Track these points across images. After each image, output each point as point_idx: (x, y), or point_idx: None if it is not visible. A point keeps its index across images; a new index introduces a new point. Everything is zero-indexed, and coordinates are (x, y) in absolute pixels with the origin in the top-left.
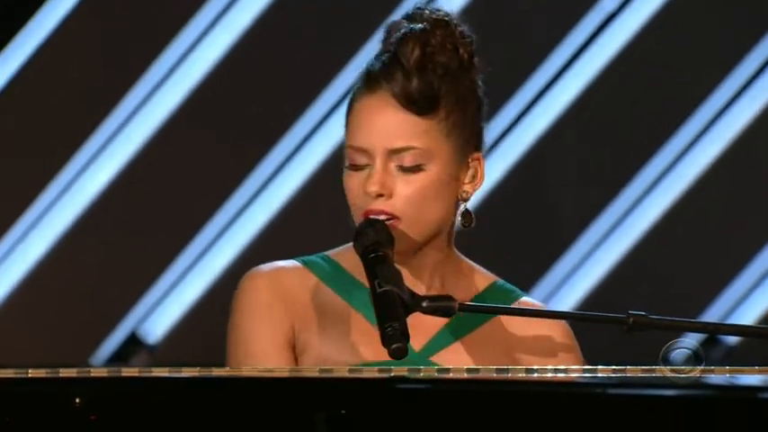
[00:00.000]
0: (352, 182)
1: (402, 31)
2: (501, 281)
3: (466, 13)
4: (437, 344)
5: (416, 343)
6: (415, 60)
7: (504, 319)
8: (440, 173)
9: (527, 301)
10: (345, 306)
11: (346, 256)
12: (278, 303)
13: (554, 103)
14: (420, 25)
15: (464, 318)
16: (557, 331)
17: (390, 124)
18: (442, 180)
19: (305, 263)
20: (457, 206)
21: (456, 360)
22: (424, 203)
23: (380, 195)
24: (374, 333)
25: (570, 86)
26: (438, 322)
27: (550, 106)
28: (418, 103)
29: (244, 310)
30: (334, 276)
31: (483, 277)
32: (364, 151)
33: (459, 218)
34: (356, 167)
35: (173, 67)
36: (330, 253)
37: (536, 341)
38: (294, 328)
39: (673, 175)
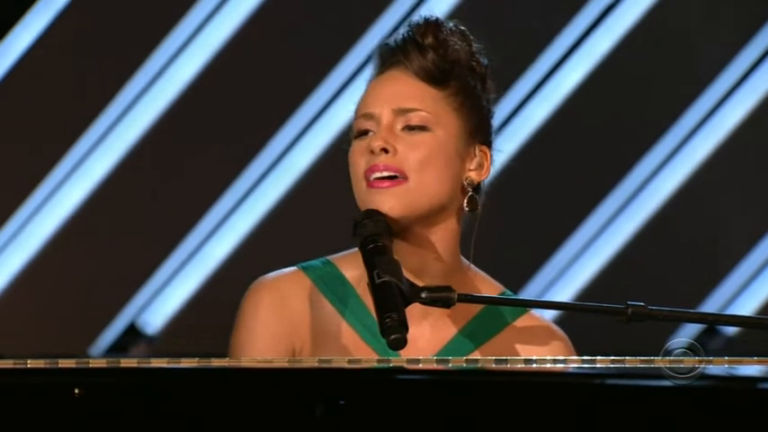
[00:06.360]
0: (356, 148)
1: (417, 19)
2: (509, 291)
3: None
4: (450, 352)
5: (431, 350)
6: (430, 41)
7: (514, 335)
8: (445, 141)
9: (534, 314)
10: (337, 316)
11: (349, 263)
12: (278, 319)
13: (554, 92)
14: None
15: (476, 330)
16: (560, 353)
17: (400, 89)
18: (446, 150)
19: (304, 269)
20: (463, 192)
21: None
22: (428, 166)
23: (385, 151)
24: (363, 347)
25: (571, 74)
26: (451, 332)
27: (550, 94)
28: (431, 74)
29: (246, 324)
30: (331, 282)
31: (491, 287)
32: (371, 116)
33: (465, 204)
34: (361, 134)
35: (168, 61)
36: (333, 258)
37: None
38: (294, 346)
39: (672, 166)
